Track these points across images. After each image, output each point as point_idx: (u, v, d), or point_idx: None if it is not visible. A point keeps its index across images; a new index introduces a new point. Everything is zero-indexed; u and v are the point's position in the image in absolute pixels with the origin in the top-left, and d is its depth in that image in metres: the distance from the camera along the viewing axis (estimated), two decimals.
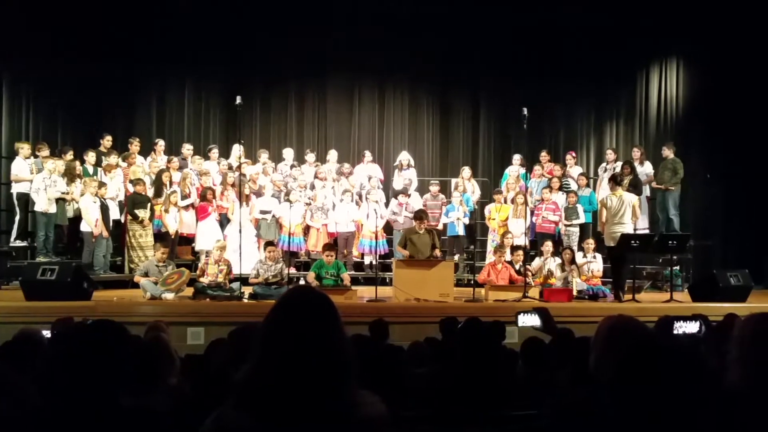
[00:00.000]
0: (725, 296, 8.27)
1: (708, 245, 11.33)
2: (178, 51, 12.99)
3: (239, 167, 10.20)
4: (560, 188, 11.04)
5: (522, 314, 3.48)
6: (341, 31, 13.11)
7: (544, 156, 11.94)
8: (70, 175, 10.10)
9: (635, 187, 10.63)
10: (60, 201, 9.87)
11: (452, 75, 14.13)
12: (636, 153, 11.36)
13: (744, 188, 11.34)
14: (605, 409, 1.71)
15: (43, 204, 9.56)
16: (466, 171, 11.79)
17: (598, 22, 12.37)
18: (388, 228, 11.41)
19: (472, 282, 9.55)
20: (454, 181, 11.89)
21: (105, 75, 12.11)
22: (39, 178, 9.63)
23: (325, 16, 13.03)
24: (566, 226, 10.64)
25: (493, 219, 10.96)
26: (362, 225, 11.11)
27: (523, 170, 11.36)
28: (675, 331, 3.96)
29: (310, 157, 12.15)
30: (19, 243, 9.99)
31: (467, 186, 11.57)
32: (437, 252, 9.18)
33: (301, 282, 9.69)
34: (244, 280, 8.81)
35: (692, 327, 3.97)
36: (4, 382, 2.07)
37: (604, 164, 11.79)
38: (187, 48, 12.97)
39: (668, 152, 10.91)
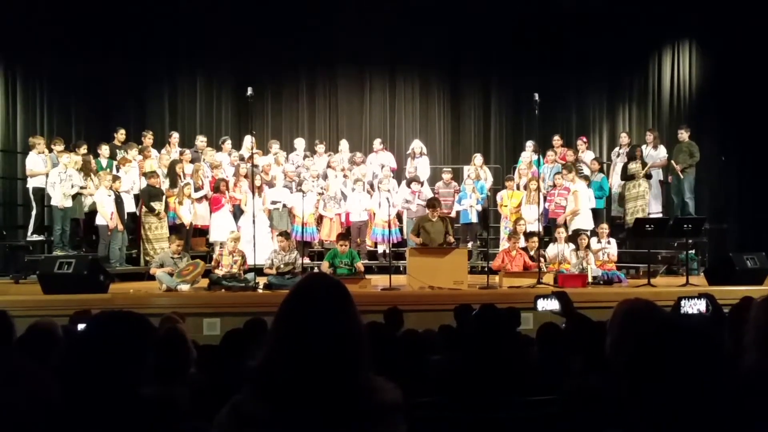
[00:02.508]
0: (742, 279, 8.19)
1: (723, 228, 11.25)
2: (188, 43, 13.05)
3: (251, 158, 10.23)
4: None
5: (541, 298, 3.47)
6: (351, 21, 13.05)
7: (557, 141, 11.86)
8: (86, 170, 10.19)
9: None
10: (77, 195, 9.96)
11: (463, 62, 14.08)
12: (649, 137, 11.26)
13: (759, 171, 11.22)
14: (619, 394, 1.71)
15: (59, 198, 9.65)
16: (478, 158, 11.75)
17: (610, 5, 12.23)
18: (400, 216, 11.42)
19: (486, 269, 9.53)
20: (466, 168, 11.86)
21: (117, 69, 12.19)
22: (54, 173, 9.70)
23: (335, 6, 13.00)
24: None
25: (506, 206, 10.93)
26: (374, 214, 11.12)
27: (536, 156, 11.30)
28: (682, 309, 3.97)
29: (321, 148, 12.17)
30: (36, 237, 10.08)
31: (479, 173, 11.54)
32: (450, 240, 9.18)
33: (315, 271, 9.73)
34: (258, 271, 8.85)
35: (700, 305, 3.98)
36: (21, 373, 2.09)
37: (617, 149, 11.72)
38: (198, 40, 13.00)
39: (684, 135, 10.81)
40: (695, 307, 4.00)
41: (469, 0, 12.88)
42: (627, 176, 10.81)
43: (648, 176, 10.76)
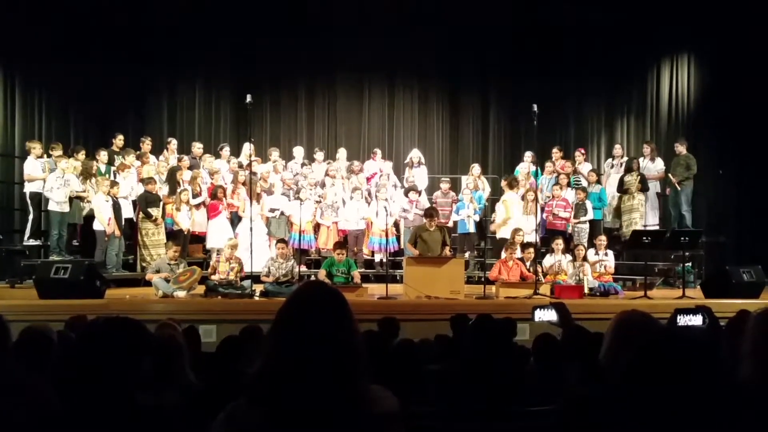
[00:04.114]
0: (738, 292, 8.19)
1: (720, 241, 11.26)
2: (188, 50, 13.08)
3: (249, 165, 10.24)
4: (568, 184, 10.99)
5: (538, 309, 3.47)
6: (350, 30, 13.13)
7: (555, 152, 11.89)
8: (87, 174, 10.19)
9: (642, 183, 10.67)
10: (75, 200, 9.95)
11: (461, 71, 14.14)
12: (646, 149, 11.30)
13: (756, 184, 11.25)
14: (615, 405, 1.71)
15: (57, 203, 9.64)
16: (477, 168, 11.77)
17: (609, 17, 12.29)
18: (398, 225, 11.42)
19: (482, 279, 9.53)
20: (464, 178, 11.88)
21: (116, 75, 12.23)
22: (52, 178, 9.69)
23: (334, 15, 13.05)
24: (574, 223, 10.59)
25: None
26: (372, 223, 11.12)
27: (534, 167, 11.33)
28: (678, 322, 3.97)
29: (319, 156, 12.19)
30: (32, 242, 10.05)
31: (477, 183, 11.56)
32: (447, 249, 9.18)
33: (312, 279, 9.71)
34: (255, 278, 8.84)
35: (696, 319, 3.97)
36: (18, 382, 2.08)
37: (610, 160, 11.78)
38: (197, 47, 13.05)
39: (681, 148, 10.85)
40: (691, 319, 3.99)
41: (468, 9, 12.93)
42: (623, 189, 10.86)
43: (644, 189, 10.79)
